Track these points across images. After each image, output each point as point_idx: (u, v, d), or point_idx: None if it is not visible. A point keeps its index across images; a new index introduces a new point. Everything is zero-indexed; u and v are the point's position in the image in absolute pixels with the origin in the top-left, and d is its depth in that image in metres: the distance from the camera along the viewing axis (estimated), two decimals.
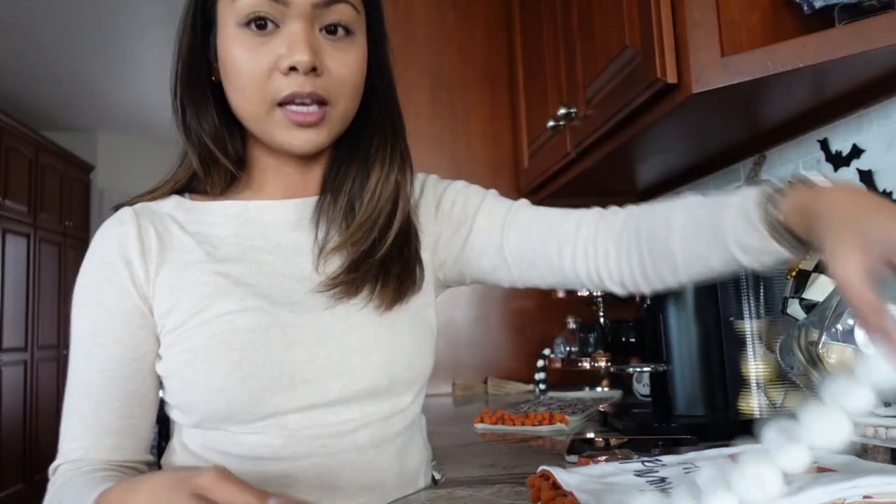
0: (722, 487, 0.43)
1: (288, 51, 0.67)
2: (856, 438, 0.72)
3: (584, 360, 1.56)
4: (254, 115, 0.71)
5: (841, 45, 0.87)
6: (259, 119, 0.70)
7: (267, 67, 0.68)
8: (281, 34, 0.67)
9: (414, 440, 0.79)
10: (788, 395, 1.00)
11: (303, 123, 0.69)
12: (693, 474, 0.58)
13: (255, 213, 0.77)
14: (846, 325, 0.74)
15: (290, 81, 0.67)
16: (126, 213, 0.74)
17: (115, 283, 0.71)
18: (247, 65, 0.68)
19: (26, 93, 4.34)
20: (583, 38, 1.34)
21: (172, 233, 0.74)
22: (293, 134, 0.70)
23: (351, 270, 0.73)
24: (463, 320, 1.87)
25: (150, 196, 0.78)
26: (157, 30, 3.60)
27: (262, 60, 0.67)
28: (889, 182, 1.06)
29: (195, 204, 0.77)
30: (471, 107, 1.95)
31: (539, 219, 0.79)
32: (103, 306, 0.71)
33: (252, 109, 0.70)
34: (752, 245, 0.59)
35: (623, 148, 1.28)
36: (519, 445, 1.06)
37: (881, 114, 1.06)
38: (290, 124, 0.69)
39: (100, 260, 0.72)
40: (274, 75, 0.68)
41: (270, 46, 0.67)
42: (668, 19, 0.97)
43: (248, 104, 0.70)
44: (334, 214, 0.76)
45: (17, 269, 3.91)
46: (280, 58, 0.67)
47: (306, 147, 0.71)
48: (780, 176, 1.30)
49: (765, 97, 1.05)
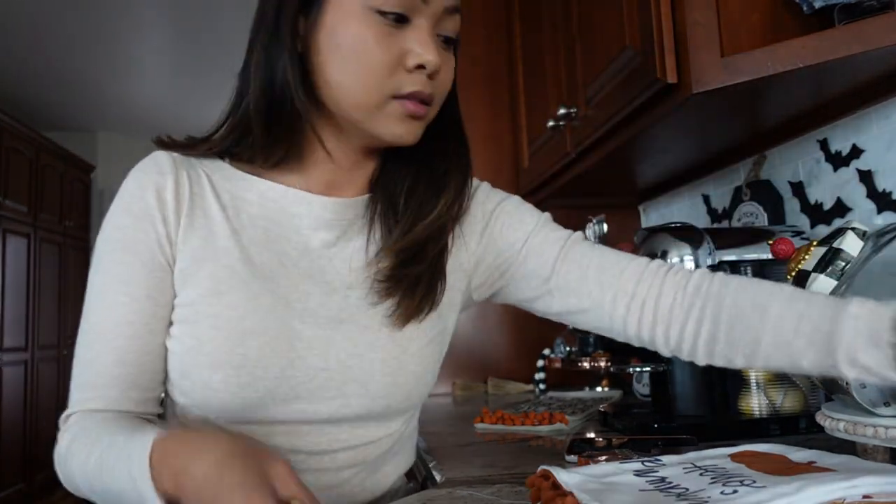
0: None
1: (421, 49, 0.66)
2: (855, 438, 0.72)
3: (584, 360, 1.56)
4: (366, 102, 0.67)
5: (841, 46, 0.87)
6: (371, 107, 0.68)
7: (394, 59, 0.66)
8: (411, 30, 0.66)
9: (397, 455, 0.79)
10: (788, 395, 1.00)
11: (415, 115, 0.68)
12: (693, 474, 0.58)
13: (293, 201, 0.73)
14: None
15: (412, 79, 0.67)
16: (165, 161, 0.71)
17: (152, 236, 0.68)
18: (375, 52, 0.65)
19: (27, 93, 4.34)
20: (583, 38, 1.34)
21: (206, 197, 0.71)
22: (404, 125, 0.69)
23: (388, 275, 0.72)
24: (463, 320, 1.86)
25: (190, 150, 0.74)
26: (158, 30, 3.61)
27: (390, 51, 0.66)
28: (888, 182, 1.06)
29: (236, 173, 0.74)
30: (471, 107, 1.94)
31: (596, 259, 0.76)
32: (138, 257, 0.68)
33: (366, 96, 0.67)
34: (868, 364, 0.57)
35: (623, 148, 1.28)
36: (519, 445, 1.06)
37: (881, 114, 1.06)
38: (403, 115, 0.68)
39: (139, 208, 0.69)
40: (398, 70, 0.66)
41: (399, 39, 0.66)
42: (668, 19, 0.97)
43: (362, 90, 0.67)
44: (381, 217, 0.75)
45: (18, 269, 3.91)
46: (408, 54, 0.66)
47: (409, 139, 0.70)
48: (781, 176, 1.30)
49: (765, 97, 1.05)
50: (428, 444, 1.09)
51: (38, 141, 4.17)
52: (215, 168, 0.74)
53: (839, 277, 0.77)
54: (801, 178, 1.26)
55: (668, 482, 0.56)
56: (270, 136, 0.71)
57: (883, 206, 1.07)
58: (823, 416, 0.78)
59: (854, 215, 1.12)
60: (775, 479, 0.53)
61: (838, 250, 0.78)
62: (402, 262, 0.72)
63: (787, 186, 1.29)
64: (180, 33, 3.66)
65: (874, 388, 0.71)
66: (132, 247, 0.68)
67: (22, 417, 3.91)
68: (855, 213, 1.13)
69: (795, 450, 0.65)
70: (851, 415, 0.74)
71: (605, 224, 1.66)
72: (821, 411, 0.79)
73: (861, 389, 0.72)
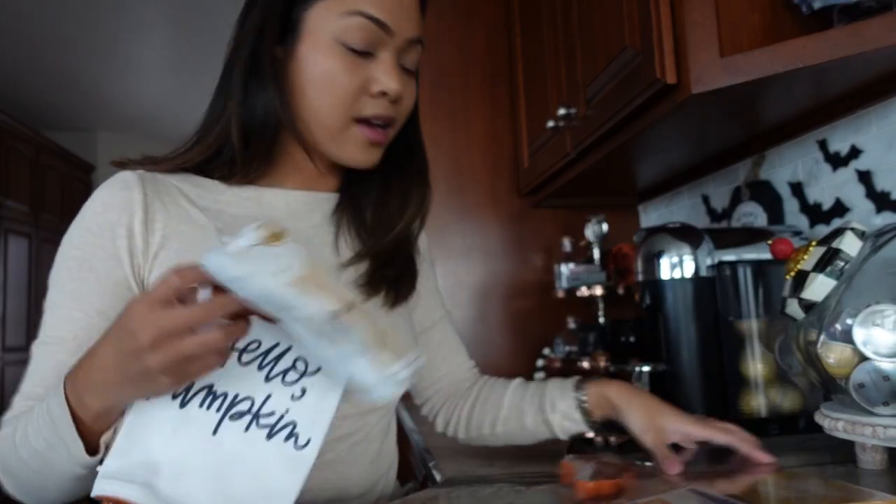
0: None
1: (384, 77, 0.72)
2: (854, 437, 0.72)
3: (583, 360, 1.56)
4: (330, 125, 0.73)
5: (840, 46, 0.87)
6: (334, 130, 0.73)
7: (358, 87, 0.72)
8: (375, 60, 0.72)
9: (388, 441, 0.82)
10: (788, 395, 1.00)
11: (374, 142, 0.75)
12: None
13: (270, 199, 0.78)
14: (845, 324, 0.74)
15: (375, 104, 0.73)
16: (131, 178, 0.72)
17: (109, 251, 0.69)
18: (341, 79, 0.71)
19: (27, 93, 4.34)
20: (583, 38, 1.34)
21: (181, 205, 0.73)
22: (364, 152, 0.75)
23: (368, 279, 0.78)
24: (463, 320, 1.87)
25: (153, 166, 0.75)
26: (158, 30, 3.61)
27: (354, 80, 0.72)
28: (887, 182, 1.06)
29: (205, 181, 0.76)
30: (471, 107, 1.95)
31: (446, 344, 0.97)
32: (93, 273, 0.68)
33: (331, 121, 0.73)
34: (562, 409, 0.85)
35: (623, 148, 1.29)
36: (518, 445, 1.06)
37: (880, 114, 1.07)
38: (364, 142, 0.74)
39: (99, 223, 0.69)
40: (362, 96, 0.72)
41: (364, 69, 0.72)
42: (668, 20, 0.97)
43: (327, 114, 0.73)
44: (355, 214, 0.82)
45: (19, 269, 3.92)
46: (372, 81, 0.72)
47: (369, 164, 0.76)
48: (780, 176, 1.30)
49: (764, 98, 1.05)
50: (428, 444, 1.09)
51: (39, 141, 4.17)
52: (184, 179, 0.76)
53: (838, 277, 0.77)
54: (800, 178, 1.26)
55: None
56: (249, 154, 0.75)
57: (882, 206, 1.07)
58: (822, 415, 0.79)
59: (853, 215, 1.13)
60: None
61: (837, 250, 0.78)
62: (380, 265, 0.79)
63: (787, 187, 1.29)
64: (180, 33, 3.66)
65: (872, 388, 0.72)
66: (88, 262, 0.69)
67: None
68: (854, 213, 1.13)
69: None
70: (850, 414, 0.74)
71: (605, 224, 1.67)
72: (819, 411, 0.80)
73: (859, 389, 0.72)
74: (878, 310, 0.72)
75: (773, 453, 0.77)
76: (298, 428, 0.54)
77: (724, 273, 1.04)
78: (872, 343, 0.72)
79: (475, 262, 1.91)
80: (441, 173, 1.88)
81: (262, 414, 0.54)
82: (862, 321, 0.73)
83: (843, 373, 0.74)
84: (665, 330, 1.06)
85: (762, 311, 1.02)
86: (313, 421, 0.54)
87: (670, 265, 1.06)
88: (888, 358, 0.71)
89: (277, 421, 0.54)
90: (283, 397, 0.54)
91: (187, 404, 0.54)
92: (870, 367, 0.72)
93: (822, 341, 0.76)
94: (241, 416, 0.54)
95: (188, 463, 0.53)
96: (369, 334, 0.51)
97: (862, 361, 0.72)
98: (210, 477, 0.52)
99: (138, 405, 0.55)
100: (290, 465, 0.53)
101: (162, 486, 0.52)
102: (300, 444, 0.53)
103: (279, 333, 0.56)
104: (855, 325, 0.73)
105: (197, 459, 0.53)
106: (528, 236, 1.92)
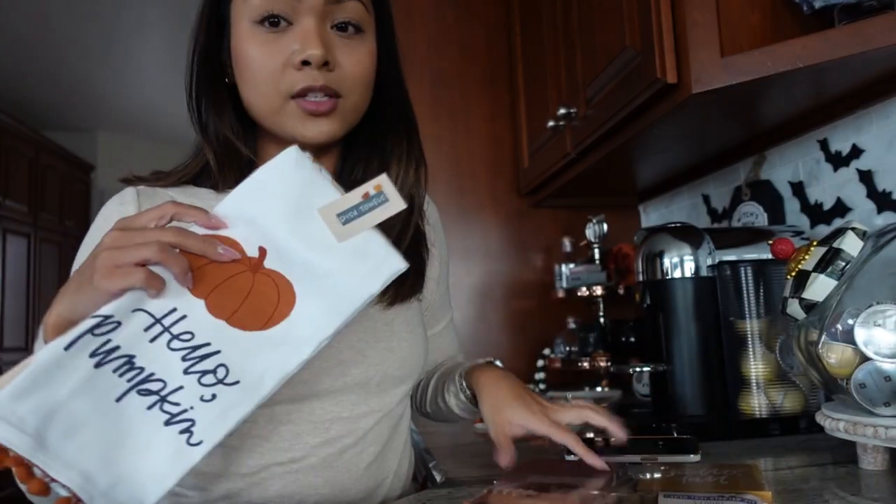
0: None
1: (301, 46, 0.68)
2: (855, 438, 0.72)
3: (583, 360, 1.56)
4: (268, 109, 0.71)
5: (841, 46, 0.87)
6: (273, 113, 0.71)
7: (281, 63, 0.69)
8: (294, 31, 0.69)
9: (392, 446, 0.80)
10: (788, 396, 1.00)
11: (315, 112, 0.70)
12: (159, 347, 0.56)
13: None
14: (846, 325, 0.74)
15: (303, 75, 0.68)
16: (129, 193, 0.75)
17: None
18: (261, 61, 0.69)
19: (27, 93, 4.34)
20: (583, 38, 1.34)
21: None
22: (306, 125, 0.71)
23: None
24: (463, 320, 1.86)
25: (156, 181, 0.78)
26: (158, 30, 3.61)
27: (275, 56, 0.69)
28: (888, 182, 1.06)
29: (200, 191, 0.78)
30: (471, 107, 1.95)
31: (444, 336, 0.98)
32: None
33: (266, 103, 0.71)
34: (452, 391, 0.85)
35: (623, 148, 1.28)
36: (519, 445, 1.06)
37: (881, 114, 1.06)
38: (303, 115, 0.70)
39: (102, 235, 0.72)
40: (287, 70, 0.69)
41: (283, 43, 0.69)
42: (668, 19, 0.97)
43: (262, 99, 0.71)
44: None
45: (18, 269, 3.91)
46: (293, 53, 0.68)
47: (319, 137, 0.71)
48: (781, 176, 1.30)
49: (764, 97, 1.05)
50: (428, 444, 1.09)
51: (39, 141, 4.17)
52: (181, 192, 0.77)
53: (839, 277, 0.77)
54: (801, 178, 1.26)
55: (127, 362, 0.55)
56: (222, 167, 0.75)
57: (883, 205, 1.07)
58: (823, 416, 0.78)
59: (854, 215, 1.13)
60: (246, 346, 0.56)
61: (838, 250, 0.78)
62: None
63: (787, 186, 1.29)
64: (180, 33, 3.66)
65: (874, 388, 0.71)
66: None
67: None
68: (855, 213, 1.13)
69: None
70: (851, 415, 0.74)
71: (605, 224, 1.67)
72: (821, 411, 0.80)
73: (861, 389, 0.72)
74: (879, 310, 0.72)
75: (774, 453, 0.77)
76: (196, 427, 0.54)
77: (724, 273, 1.03)
78: (874, 343, 0.72)
79: (475, 261, 1.90)
80: (441, 173, 1.88)
81: (169, 401, 0.54)
82: (863, 321, 0.72)
83: (844, 373, 0.74)
84: (665, 330, 1.06)
85: (763, 312, 1.02)
86: (212, 427, 0.54)
87: (671, 265, 1.05)
88: (889, 358, 0.71)
89: (180, 412, 0.54)
90: (193, 395, 0.55)
91: (103, 365, 0.54)
92: (871, 368, 0.71)
93: (823, 341, 0.76)
94: (149, 394, 0.54)
95: (84, 422, 0.52)
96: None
97: (863, 362, 0.72)
98: (101, 441, 0.52)
99: (53, 349, 0.55)
100: (176, 455, 0.53)
101: (51, 439, 0.51)
102: (192, 441, 0.54)
103: (214, 334, 0.56)
104: (856, 326, 0.73)
105: (94, 421, 0.53)
106: (528, 236, 1.92)
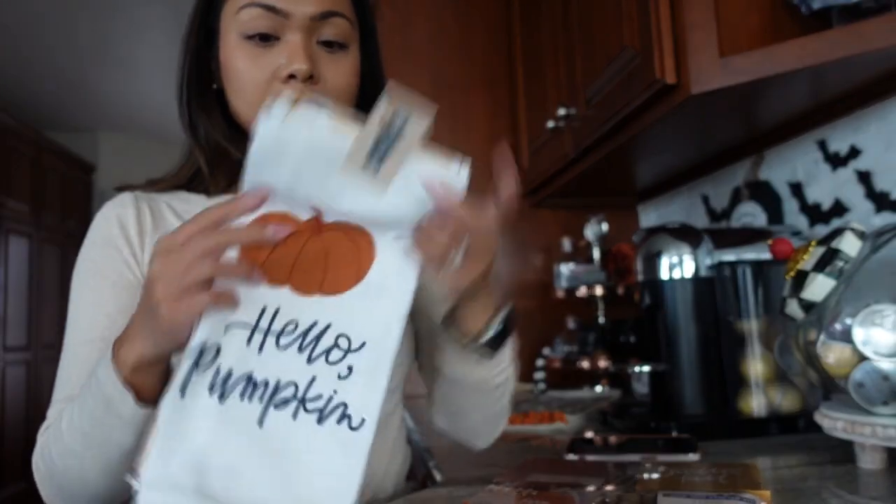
0: None
1: (287, 60, 0.70)
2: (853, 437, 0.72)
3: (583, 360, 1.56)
4: (255, 117, 0.71)
5: (839, 47, 0.87)
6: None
7: (267, 76, 0.71)
8: (281, 45, 0.71)
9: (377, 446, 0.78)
10: (787, 395, 1.00)
11: None
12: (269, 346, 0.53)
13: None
14: (844, 324, 0.75)
15: (289, 89, 0.70)
16: (126, 197, 0.78)
17: (117, 258, 0.74)
18: (248, 74, 0.71)
19: (28, 93, 4.34)
20: (582, 38, 1.34)
21: (167, 218, 0.77)
22: None
23: None
24: None
25: (150, 187, 0.81)
26: (158, 31, 3.61)
27: (263, 69, 0.71)
28: (887, 182, 1.06)
29: (192, 196, 0.80)
30: (471, 107, 1.95)
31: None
32: (107, 280, 0.73)
33: (253, 112, 0.70)
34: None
35: (623, 148, 1.29)
36: (518, 445, 1.07)
37: (879, 114, 1.07)
38: None
39: (102, 236, 0.75)
40: (274, 83, 0.71)
41: (270, 57, 0.71)
42: (668, 20, 0.97)
43: (248, 108, 0.72)
44: None
45: (20, 269, 3.92)
46: (280, 67, 0.70)
47: None
48: (780, 176, 1.30)
49: (763, 98, 1.05)
50: (428, 444, 1.09)
51: (40, 141, 4.17)
52: (174, 197, 0.80)
53: (838, 277, 0.77)
54: (799, 178, 1.26)
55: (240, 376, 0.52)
56: (216, 166, 0.78)
57: (881, 206, 1.07)
58: (822, 415, 0.79)
59: (852, 215, 1.13)
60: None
61: (837, 250, 0.78)
62: None
63: (786, 187, 1.29)
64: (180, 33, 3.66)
65: (872, 388, 0.72)
66: (101, 271, 0.73)
67: (24, 417, 3.91)
68: (853, 213, 1.13)
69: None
70: (849, 414, 0.74)
71: (605, 224, 1.67)
72: (819, 411, 0.80)
73: (859, 389, 0.72)
74: (877, 310, 0.72)
75: (773, 453, 0.77)
76: (350, 409, 0.50)
77: (723, 273, 1.04)
78: (872, 343, 0.72)
79: None
80: None
81: (309, 398, 0.51)
82: (861, 321, 0.73)
83: (842, 373, 0.74)
84: (665, 330, 1.06)
85: (762, 311, 1.02)
86: (365, 399, 0.51)
87: (670, 265, 1.06)
88: (888, 358, 0.71)
89: (326, 404, 0.51)
90: (329, 378, 0.51)
91: (226, 397, 0.50)
92: (869, 367, 0.72)
93: (821, 341, 0.76)
94: (287, 404, 0.50)
95: (240, 461, 0.49)
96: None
97: (861, 361, 0.72)
98: (266, 473, 0.49)
99: (171, 401, 0.51)
100: (346, 448, 0.50)
101: (216, 490, 0.48)
102: (354, 424, 0.50)
103: (316, 311, 0.53)
104: (854, 325, 0.73)
105: (248, 456, 0.49)
106: (528, 236, 1.92)
